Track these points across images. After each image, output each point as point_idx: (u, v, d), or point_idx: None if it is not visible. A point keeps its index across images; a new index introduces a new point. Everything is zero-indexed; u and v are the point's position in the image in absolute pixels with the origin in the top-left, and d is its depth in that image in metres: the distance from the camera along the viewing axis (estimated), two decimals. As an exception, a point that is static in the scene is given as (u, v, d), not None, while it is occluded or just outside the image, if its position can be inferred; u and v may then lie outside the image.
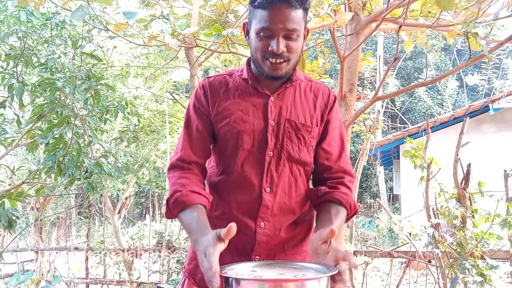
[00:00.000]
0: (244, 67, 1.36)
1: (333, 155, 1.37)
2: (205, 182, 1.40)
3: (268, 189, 1.30)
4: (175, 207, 1.22)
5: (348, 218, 1.32)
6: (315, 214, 1.33)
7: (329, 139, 1.37)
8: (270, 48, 1.21)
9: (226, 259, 1.21)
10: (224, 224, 1.31)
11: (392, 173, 14.58)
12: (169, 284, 4.38)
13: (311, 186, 1.41)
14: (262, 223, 1.29)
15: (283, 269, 1.04)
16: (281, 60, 1.22)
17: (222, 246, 1.01)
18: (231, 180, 1.32)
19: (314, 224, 1.44)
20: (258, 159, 1.30)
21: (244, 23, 1.33)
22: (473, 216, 2.89)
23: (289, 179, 1.32)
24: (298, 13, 1.20)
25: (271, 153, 1.30)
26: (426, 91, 17.27)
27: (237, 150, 1.30)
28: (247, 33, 1.32)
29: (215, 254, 0.97)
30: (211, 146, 1.37)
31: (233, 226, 0.99)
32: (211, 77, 1.39)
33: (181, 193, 1.21)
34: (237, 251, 1.29)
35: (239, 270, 1.02)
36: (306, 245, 1.39)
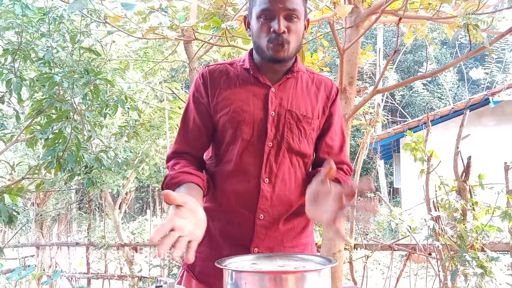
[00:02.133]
0: (246, 57, 1.35)
1: (334, 149, 1.37)
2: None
3: (267, 179, 1.28)
4: (168, 189, 1.19)
5: None
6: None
7: (332, 133, 1.36)
8: (271, 29, 1.21)
9: (224, 250, 1.21)
10: (222, 216, 1.31)
11: (392, 167, 14.59)
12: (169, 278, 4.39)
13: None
14: (261, 215, 1.28)
15: (283, 261, 1.04)
16: (283, 41, 1.22)
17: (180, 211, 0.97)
18: (229, 170, 1.30)
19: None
20: (257, 149, 1.28)
21: (244, 16, 1.33)
22: (473, 209, 2.90)
23: (288, 170, 1.31)
24: None
25: (271, 143, 1.28)
26: (426, 84, 17.25)
27: (236, 140, 1.29)
28: (248, 25, 1.32)
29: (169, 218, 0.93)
30: (208, 138, 1.35)
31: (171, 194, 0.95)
32: (211, 65, 1.37)
33: (171, 175, 1.22)
34: (235, 243, 1.29)
35: (239, 263, 1.02)
36: (305, 237, 1.38)
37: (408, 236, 3.48)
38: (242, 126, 1.28)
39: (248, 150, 1.29)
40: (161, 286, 0.97)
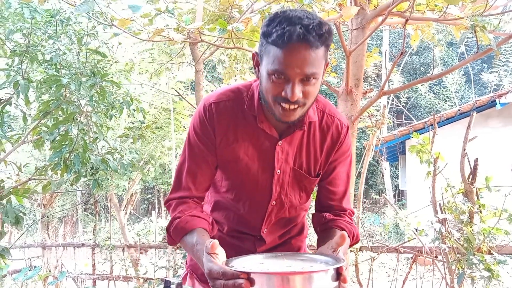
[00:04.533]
0: (255, 95, 1.22)
1: (337, 195, 1.33)
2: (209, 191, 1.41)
3: (266, 230, 1.34)
4: (176, 235, 1.20)
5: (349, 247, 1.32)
6: (317, 239, 1.34)
7: (334, 178, 1.32)
8: (283, 94, 1.05)
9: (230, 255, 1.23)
10: (225, 227, 1.37)
11: (398, 170, 14.53)
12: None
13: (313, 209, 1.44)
14: (262, 235, 1.36)
15: (290, 261, 1.04)
16: (295, 106, 1.08)
17: (219, 253, 1.00)
18: (232, 212, 1.34)
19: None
20: (261, 206, 1.31)
21: (253, 54, 1.17)
22: (480, 211, 2.87)
23: (285, 219, 1.36)
24: (318, 53, 1.03)
25: (274, 202, 1.30)
26: (432, 86, 17.17)
27: (240, 190, 1.29)
28: (256, 65, 1.16)
29: (224, 266, 0.94)
30: (214, 174, 1.32)
31: (214, 242, 0.98)
32: (217, 101, 1.23)
33: (180, 220, 1.19)
34: (240, 250, 1.33)
35: (247, 263, 1.02)
36: (303, 233, 1.46)
37: (414, 238, 3.46)
38: (246, 183, 1.26)
39: (250, 205, 1.30)
40: (169, 286, 0.98)
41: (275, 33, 1.02)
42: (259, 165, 1.24)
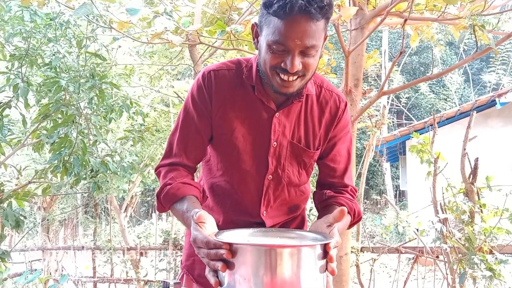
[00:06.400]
0: (253, 66, 1.22)
1: (338, 171, 1.32)
2: (203, 176, 1.40)
3: (265, 212, 1.30)
4: (167, 201, 1.18)
5: (351, 225, 1.29)
6: (317, 217, 1.32)
7: (334, 154, 1.31)
8: (283, 65, 1.06)
9: None
10: (220, 218, 1.33)
11: (399, 170, 14.53)
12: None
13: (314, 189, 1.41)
14: (262, 217, 1.33)
15: (278, 238, 1.05)
16: (295, 78, 1.08)
17: (207, 223, 0.99)
18: (228, 197, 1.31)
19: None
20: (257, 182, 1.27)
21: (253, 24, 1.17)
22: (481, 211, 2.87)
23: (284, 200, 1.32)
24: (319, 26, 1.04)
25: (271, 176, 1.26)
26: (432, 86, 17.18)
27: (236, 167, 1.26)
28: (255, 36, 1.16)
29: (208, 236, 0.94)
30: (207, 146, 1.31)
31: (201, 213, 0.97)
32: (217, 69, 1.24)
33: (171, 186, 1.18)
34: None
35: (236, 236, 1.03)
36: (303, 227, 1.45)
37: (415, 238, 3.46)
38: (242, 155, 1.24)
39: (247, 182, 1.26)
40: (167, 287, 0.99)
41: (277, 3, 1.02)
42: (255, 137, 1.23)
